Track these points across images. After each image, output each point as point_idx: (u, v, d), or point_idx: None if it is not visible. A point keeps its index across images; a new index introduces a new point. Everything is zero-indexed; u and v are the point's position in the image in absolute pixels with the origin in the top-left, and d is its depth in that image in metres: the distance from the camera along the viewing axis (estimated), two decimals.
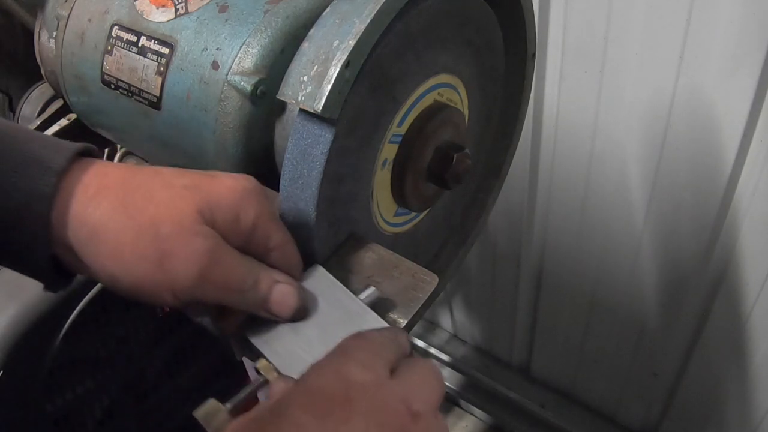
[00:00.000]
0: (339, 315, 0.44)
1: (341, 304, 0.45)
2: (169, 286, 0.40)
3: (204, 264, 0.40)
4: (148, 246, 0.39)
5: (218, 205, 0.41)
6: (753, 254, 1.07)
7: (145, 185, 0.41)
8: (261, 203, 0.43)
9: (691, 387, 1.34)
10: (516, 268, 1.45)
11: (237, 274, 0.41)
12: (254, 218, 0.42)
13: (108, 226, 0.40)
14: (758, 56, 0.87)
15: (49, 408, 0.82)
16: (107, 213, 0.40)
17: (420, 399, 0.35)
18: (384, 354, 0.37)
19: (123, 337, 0.89)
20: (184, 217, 0.40)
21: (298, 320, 0.44)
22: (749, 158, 0.97)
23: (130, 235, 0.39)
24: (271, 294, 0.43)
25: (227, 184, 0.42)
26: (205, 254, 0.40)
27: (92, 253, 0.40)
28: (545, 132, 1.19)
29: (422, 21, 0.51)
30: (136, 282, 0.40)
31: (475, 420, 1.80)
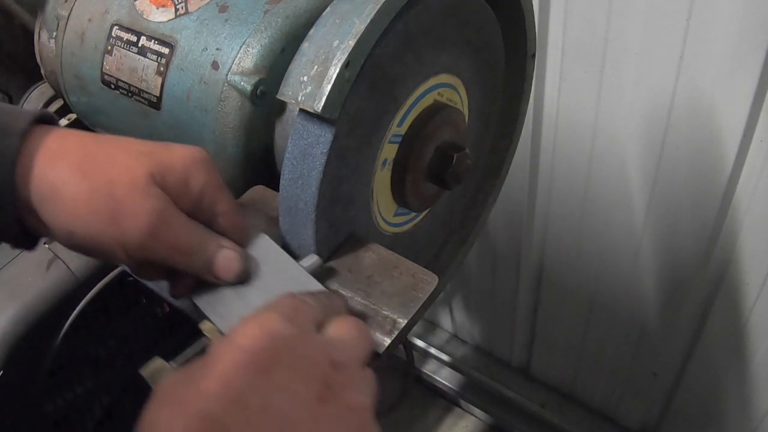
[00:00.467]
0: (281, 280, 0.46)
1: (284, 271, 0.47)
2: (121, 243, 0.42)
3: (153, 222, 0.42)
4: (102, 203, 0.42)
5: (170, 170, 0.44)
6: (753, 254, 1.07)
7: (102, 149, 0.44)
8: (210, 172, 0.46)
9: (691, 387, 1.34)
10: (516, 268, 1.45)
11: (184, 236, 0.44)
12: (203, 185, 0.45)
13: (66, 185, 0.42)
14: (758, 56, 0.87)
15: (49, 408, 0.82)
16: (66, 173, 0.42)
17: (342, 351, 0.37)
18: (310, 311, 0.39)
19: (123, 337, 0.89)
20: (138, 178, 0.43)
21: (242, 284, 0.46)
22: (749, 158, 0.97)
23: (86, 193, 0.42)
24: (216, 258, 0.45)
25: (180, 152, 0.45)
26: (155, 213, 0.42)
27: (51, 211, 0.43)
28: (545, 132, 1.19)
29: (422, 21, 0.51)
30: (90, 238, 0.43)
31: (475, 420, 1.80)
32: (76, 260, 0.78)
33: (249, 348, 0.34)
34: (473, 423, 1.79)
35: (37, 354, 0.77)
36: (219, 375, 0.33)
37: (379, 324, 0.47)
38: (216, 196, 0.46)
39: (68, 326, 0.79)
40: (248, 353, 0.34)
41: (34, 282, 0.76)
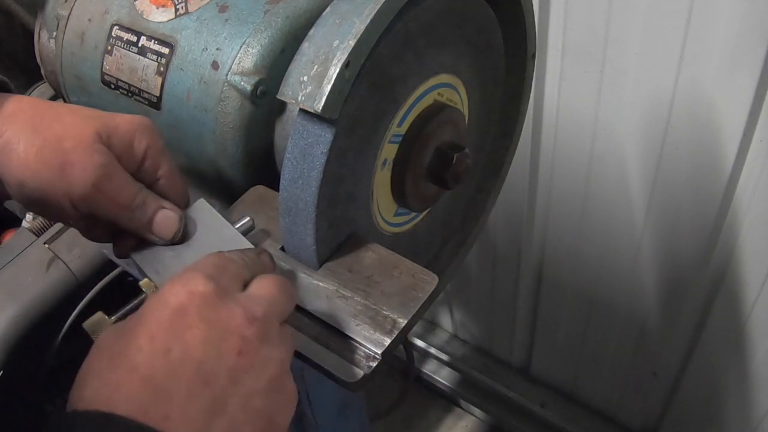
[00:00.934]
0: (215, 240, 0.49)
1: (219, 232, 0.50)
2: (68, 194, 0.46)
3: (98, 175, 0.46)
4: (51, 156, 0.46)
5: (116, 131, 0.48)
6: (753, 254, 1.07)
7: (53, 109, 0.48)
8: (153, 136, 0.49)
9: (691, 387, 1.34)
10: (516, 268, 1.45)
11: (127, 192, 0.48)
12: (146, 148, 0.49)
13: (18, 139, 0.46)
14: (758, 55, 0.87)
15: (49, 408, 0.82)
16: (18, 129, 0.47)
17: (261, 306, 0.39)
18: (234, 268, 0.41)
19: None
20: (85, 136, 0.46)
21: (178, 244, 0.50)
22: (749, 158, 0.97)
23: (37, 146, 0.46)
24: (155, 216, 0.49)
25: (126, 118, 0.49)
26: (100, 167, 0.46)
27: (4, 164, 0.47)
28: (545, 132, 1.19)
29: (422, 21, 0.51)
30: (40, 189, 0.46)
31: (475, 420, 1.80)
32: (76, 260, 0.78)
33: (173, 305, 0.37)
34: (473, 423, 1.79)
35: (37, 354, 0.77)
36: (147, 330, 0.36)
37: (379, 324, 0.47)
38: (158, 160, 0.49)
39: (68, 326, 0.79)
40: (172, 310, 0.37)
41: (34, 282, 0.76)
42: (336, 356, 0.46)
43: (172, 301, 0.37)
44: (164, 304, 0.37)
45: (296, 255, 0.51)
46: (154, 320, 0.37)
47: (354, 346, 0.47)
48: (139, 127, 0.48)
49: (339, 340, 0.47)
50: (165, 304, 0.37)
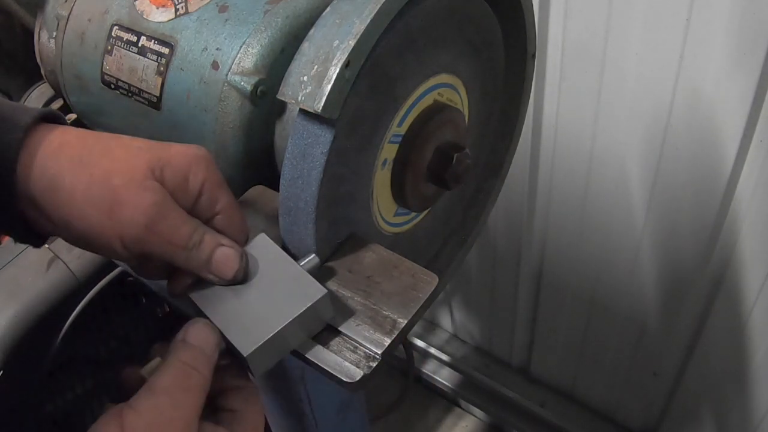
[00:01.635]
0: (280, 280, 0.47)
1: (283, 270, 0.48)
2: (118, 234, 0.43)
3: (151, 215, 0.43)
4: (99, 194, 0.43)
5: (169, 165, 0.44)
6: (753, 254, 1.07)
7: (102, 143, 0.45)
8: (210, 169, 0.46)
9: (691, 387, 1.34)
10: (516, 268, 1.45)
11: (183, 231, 0.44)
12: (202, 181, 0.45)
13: (65, 175, 0.43)
14: (758, 56, 0.87)
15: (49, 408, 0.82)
16: (65, 164, 0.43)
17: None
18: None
19: (123, 337, 0.89)
20: (136, 172, 0.43)
21: (239, 283, 0.47)
22: (749, 158, 0.97)
23: (84, 184, 0.43)
24: (214, 255, 0.45)
25: (180, 149, 0.46)
26: (153, 206, 0.43)
27: (49, 202, 0.43)
28: (545, 132, 1.19)
29: (422, 21, 0.51)
30: (88, 229, 0.43)
31: (475, 420, 1.80)
32: (76, 260, 0.78)
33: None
34: (473, 423, 1.79)
35: (37, 354, 0.77)
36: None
37: (379, 324, 0.47)
38: (216, 194, 0.46)
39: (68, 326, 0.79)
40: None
41: (34, 282, 0.76)
42: (336, 356, 0.46)
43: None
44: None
45: (296, 255, 0.51)
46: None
47: (354, 346, 0.47)
48: (194, 158, 0.45)
49: (339, 340, 0.47)
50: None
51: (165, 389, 0.41)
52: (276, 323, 0.45)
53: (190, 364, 0.42)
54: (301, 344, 0.47)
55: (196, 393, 0.42)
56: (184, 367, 0.42)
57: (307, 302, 0.45)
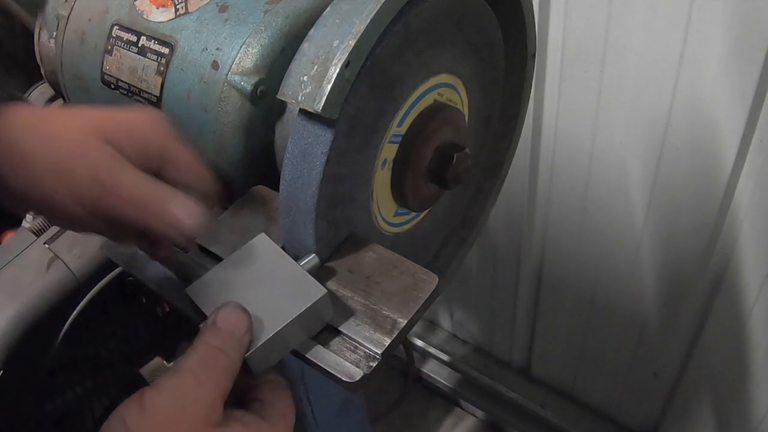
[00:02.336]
0: (278, 279, 0.47)
1: (282, 269, 0.48)
2: (76, 196, 0.43)
3: (102, 172, 0.43)
4: (52, 156, 0.44)
5: (120, 128, 0.45)
6: (753, 254, 1.07)
7: (59, 113, 0.47)
8: (166, 128, 0.47)
9: (691, 387, 1.34)
10: (516, 268, 1.45)
11: (135, 187, 0.44)
12: (157, 140, 0.46)
13: (23, 143, 0.44)
14: (758, 56, 0.87)
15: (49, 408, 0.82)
16: (22, 133, 0.44)
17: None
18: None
19: (123, 337, 0.89)
20: (90, 138, 0.44)
21: (242, 283, 0.47)
22: (749, 158, 0.97)
23: (38, 148, 0.44)
24: (170, 206, 0.44)
25: (131, 114, 0.46)
26: (103, 164, 0.44)
27: (7, 168, 0.44)
28: (545, 132, 1.19)
29: (422, 21, 0.51)
30: (46, 193, 0.44)
31: (475, 420, 1.80)
32: (76, 260, 0.78)
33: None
34: (473, 423, 1.79)
35: (37, 354, 0.78)
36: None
37: (379, 324, 0.47)
38: (173, 153, 0.47)
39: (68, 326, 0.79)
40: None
41: (34, 282, 0.76)
42: (336, 356, 0.46)
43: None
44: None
45: (296, 255, 0.51)
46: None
47: (354, 346, 0.47)
48: (146, 120, 0.46)
49: (339, 340, 0.47)
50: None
51: (189, 369, 0.41)
52: (276, 323, 0.44)
53: (218, 346, 0.42)
54: (302, 344, 0.47)
55: (221, 374, 0.41)
56: (211, 348, 0.42)
57: (307, 302, 0.45)
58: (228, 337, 0.42)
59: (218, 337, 0.42)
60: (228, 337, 0.42)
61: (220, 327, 0.43)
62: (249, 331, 0.44)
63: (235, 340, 0.43)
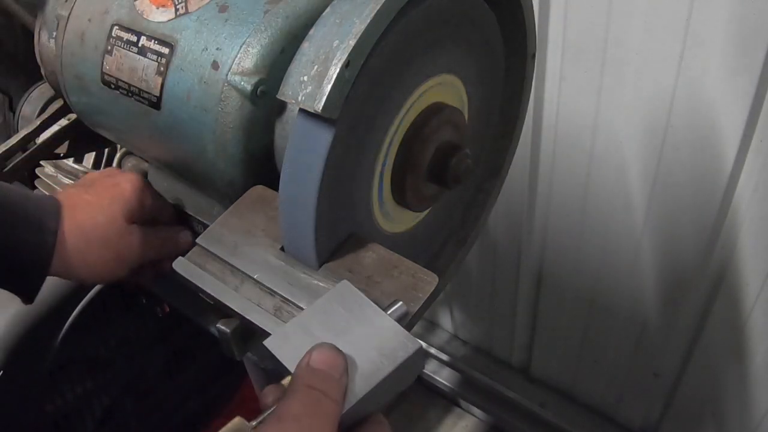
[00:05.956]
0: (367, 330, 0.44)
1: (369, 320, 0.44)
2: (126, 268, 0.63)
3: (140, 247, 0.63)
4: (104, 252, 0.61)
5: (131, 204, 0.62)
6: (753, 254, 1.07)
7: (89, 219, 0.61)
8: (151, 191, 0.65)
9: (691, 387, 1.34)
10: (516, 268, 1.45)
11: (159, 238, 0.65)
12: (152, 202, 0.65)
13: (76, 255, 0.59)
14: (758, 56, 0.87)
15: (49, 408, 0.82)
16: (74, 248, 0.59)
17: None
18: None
19: (123, 337, 0.89)
20: (120, 225, 0.61)
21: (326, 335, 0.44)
22: (749, 158, 0.97)
23: (94, 252, 0.60)
24: (179, 236, 0.66)
25: (128, 187, 0.63)
26: (139, 243, 0.62)
27: (65, 270, 0.60)
28: (545, 132, 1.19)
29: (422, 21, 0.51)
30: (102, 279, 0.64)
31: (475, 420, 1.80)
32: None
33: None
34: (473, 423, 1.79)
35: (37, 354, 0.78)
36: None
37: None
38: (158, 204, 0.66)
39: (68, 326, 0.79)
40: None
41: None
42: None
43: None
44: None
45: (296, 255, 0.51)
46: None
47: None
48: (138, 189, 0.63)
49: None
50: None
51: (294, 416, 0.38)
52: (369, 381, 0.41)
53: (319, 388, 0.39)
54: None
55: (326, 420, 0.39)
56: (312, 392, 0.39)
57: (401, 357, 0.42)
58: (328, 378, 0.40)
59: (318, 378, 0.40)
60: (328, 378, 0.40)
61: (318, 368, 0.40)
62: (346, 373, 0.41)
63: (335, 380, 0.40)
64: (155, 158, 0.68)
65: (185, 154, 0.58)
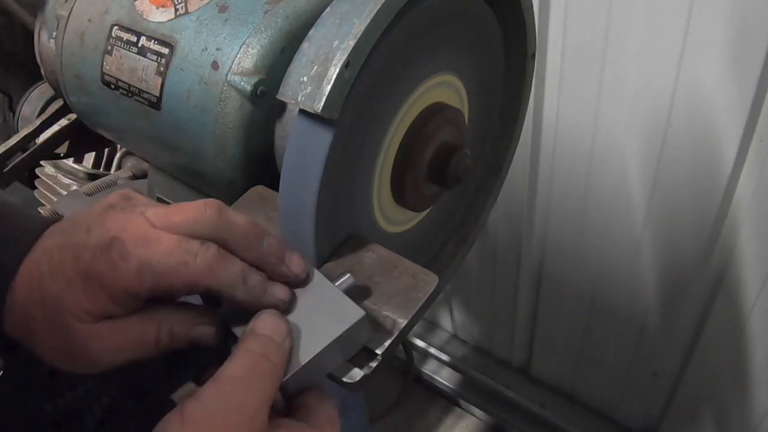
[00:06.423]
0: (314, 300, 0.45)
1: (317, 290, 0.46)
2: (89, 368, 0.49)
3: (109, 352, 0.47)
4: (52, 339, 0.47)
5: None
6: (753, 254, 1.07)
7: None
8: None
9: (691, 387, 1.34)
10: (516, 268, 1.45)
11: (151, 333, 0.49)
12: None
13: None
14: (758, 55, 0.87)
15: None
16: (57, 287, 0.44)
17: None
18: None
19: None
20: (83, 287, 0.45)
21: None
22: (749, 158, 0.97)
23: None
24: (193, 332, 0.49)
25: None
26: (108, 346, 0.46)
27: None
28: (545, 132, 1.19)
29: (422, 21, 0.51)
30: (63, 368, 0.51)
31: (475, 420, 1.80)
32: None
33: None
34: (473, 423, 1.79)
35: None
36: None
37: (379, 324, 0.47)
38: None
39: None
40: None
41: None
42: None
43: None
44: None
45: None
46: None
47: None
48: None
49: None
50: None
51: (231, 377, 0.40)
52: (313, 348, 0.43)
53: (259, 351, 0.41)
54: (338, 368, 0.45)
55: (265, 380, 0.40)
56: (251, 354, 0.41)
57: (345, 325, 0.43)
58: (269, 342, 0.41)
59: (259, 342, 0.41)
60: (269, 342, 0.41)
61: (260, 333, 0.42)
62: (289, 336, 0.43)
63: (276, 344, 0.42)
64: (155, 158, 0.68)
65: (185, 154, 0.58)
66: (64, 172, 0.93)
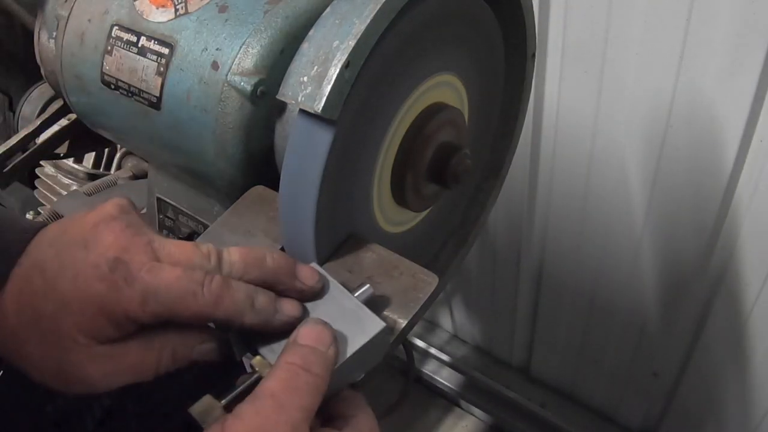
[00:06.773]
0: (334, 312, 0.45)
1: (336, 302, 0.46)
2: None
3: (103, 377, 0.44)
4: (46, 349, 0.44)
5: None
6: (753, 254, 1.07)
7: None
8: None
9: (691, 387, 1.34)
10: (516, 268, 1.45)
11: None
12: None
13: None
14: (758, 56, 0.87)
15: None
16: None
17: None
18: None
19: None
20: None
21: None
22: (749, 158, 0.97)
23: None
24: (194, 350, 0.48)
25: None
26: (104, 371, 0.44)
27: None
28: (545, 132, 1.19)
29: (422, 21, 0.51)
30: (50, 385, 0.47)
31: (475, 420, 1.80)
32: None
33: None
34: (473, 423, 1.79)
35: None
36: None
37: None
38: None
39: None
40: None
41: None
42: None
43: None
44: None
45: (296, 255, 0.51)
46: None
47: None
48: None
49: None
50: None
51: (269, 393, 0.39)
52: (340, 355, 0.42)
53: (298, 364, 0.40)
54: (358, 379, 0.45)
55: (304, 394, 0.39)
56: (291, 367, 0.40)
57: (366, 337, 0.43)
58: (311, 353, 0.41)
59: (298, 354, 0.40)
60: (311, 353, 0.41)
61: (302, 344, 0.41)
62: (334, 343, 0.42)
63: (319, 354, 0.41)
64: (155, 158, 0.67)
65: (185, 154, 0.58)
66: (64, 172, 0.93)
